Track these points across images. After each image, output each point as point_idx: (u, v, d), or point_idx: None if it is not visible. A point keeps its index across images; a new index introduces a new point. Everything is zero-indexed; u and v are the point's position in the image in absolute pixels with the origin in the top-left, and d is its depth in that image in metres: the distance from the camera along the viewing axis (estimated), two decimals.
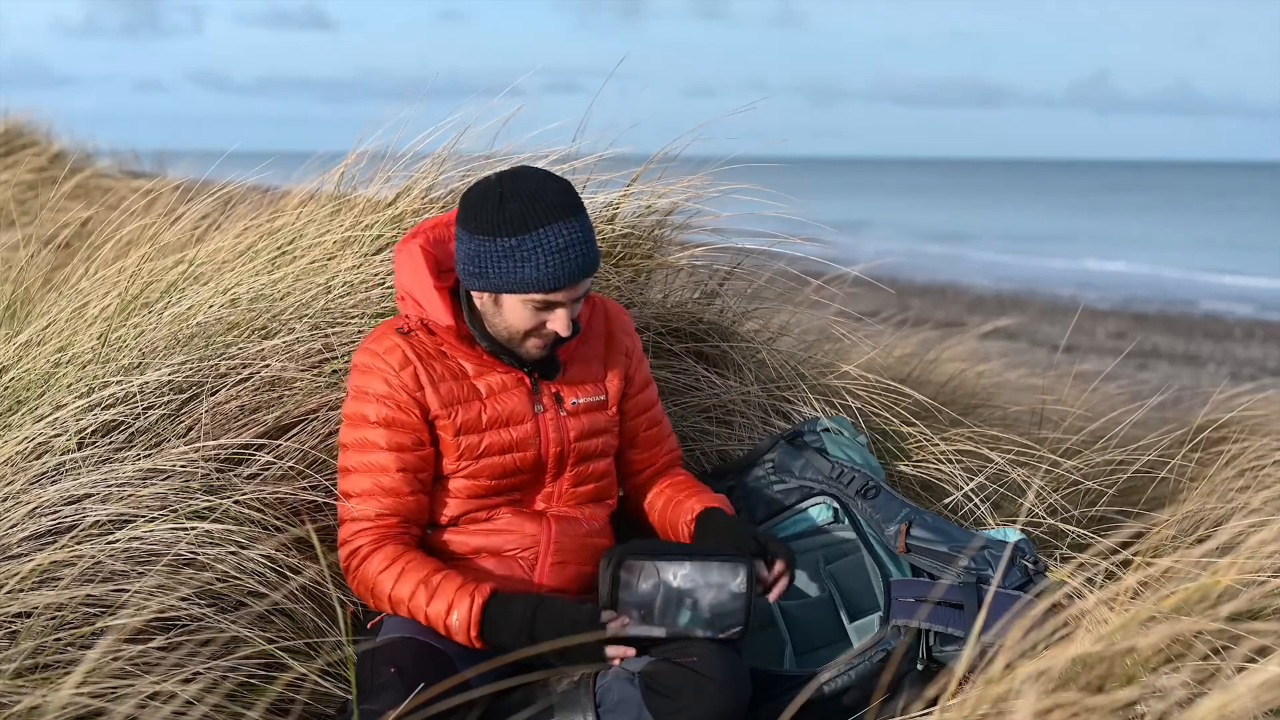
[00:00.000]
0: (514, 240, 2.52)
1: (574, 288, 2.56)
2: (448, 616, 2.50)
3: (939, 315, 14.58)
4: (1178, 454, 3.73)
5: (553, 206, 2.54)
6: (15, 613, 2.37)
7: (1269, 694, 1.69)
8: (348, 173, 3.70)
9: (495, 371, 2.67)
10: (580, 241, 2.54)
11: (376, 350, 2.64)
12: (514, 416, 2.66)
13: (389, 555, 2.57)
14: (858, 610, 2.99)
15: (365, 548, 2.59)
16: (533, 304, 2.56)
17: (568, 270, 2.53)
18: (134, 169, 9.03)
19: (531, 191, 2.54)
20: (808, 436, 3.18)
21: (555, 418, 2.70)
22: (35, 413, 2.92)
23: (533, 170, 2.60)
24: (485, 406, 2.65)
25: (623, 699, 2.48)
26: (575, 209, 2.56)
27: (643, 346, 2.95)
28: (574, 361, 2.76)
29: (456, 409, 2.63)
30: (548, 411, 2.70)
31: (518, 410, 2.67)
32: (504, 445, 2.65)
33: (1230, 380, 10.94)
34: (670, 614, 2.52)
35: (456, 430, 2.63)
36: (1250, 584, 2.19)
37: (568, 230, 2.53)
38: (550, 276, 2.52)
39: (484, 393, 2.65)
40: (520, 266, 2.52)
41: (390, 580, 2.55)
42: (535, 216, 2.52)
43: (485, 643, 2.49)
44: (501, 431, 2.65)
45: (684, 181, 3.78)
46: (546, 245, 2.52)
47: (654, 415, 2.90)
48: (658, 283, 3.80)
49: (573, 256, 2.53)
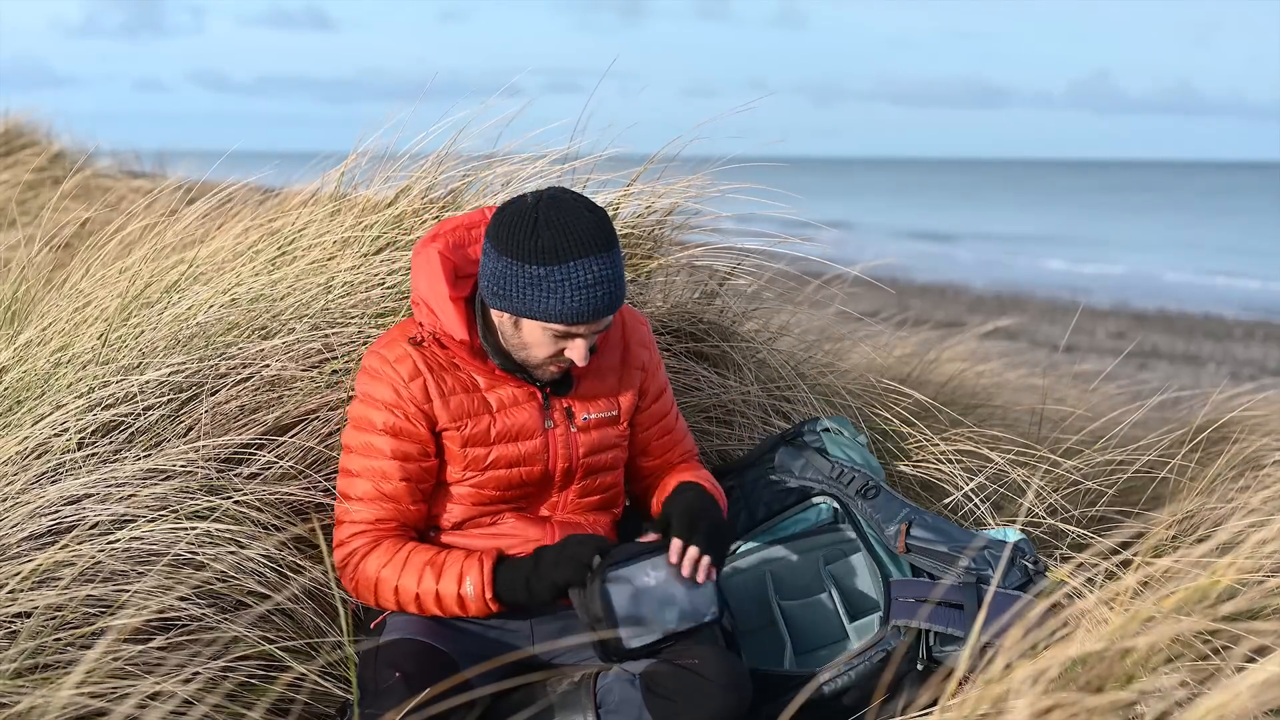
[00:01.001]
0: (543, 269, 2.47)
1: (597, 323, 2.54)
2: (460, 587, 2.50)
3: (939, 315, 14.58)
4: (1178, 454, 3.72)
5: (586, 241, 2.48)
6: (15, 613, 2.37)
7: (1268, 693, 1.69)
8: (348, 173, 3.70)
9: (507, 385, 2.64)
10: (609, 279, 2.50)
11: (388, 357, 2.61)
12: (524, 432, 2.64)
13: (388, 550, 2.57)
14: (858, 610, 2.99)
15: (362, 548, 2.58)
16: (553, 333, 2.53)
17: (593, 307, 2.49)
18: (134, 169, 9.03)
19: (566, 223, 2.48)
20: (808, 436, 3.18)
21: (565, 433, 2.67)
22: (35, 413, 2.92)
23: (572, 197, 2.54)
24: (495, 420, 2.62)
25: (623, 700, 2.48)
26: (609, 244, 2.51)
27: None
28: (587, 376, 2.71)
29: (466, 422, 2.60)
30: (558, 427, 2.67)
31: (528, 425, 2.64)
32: (511, 459, 2.63)
33: (1230, 380, 10.94)
34: (659, 615, 2.52)
35: (464, 442, 2.61)
36: (1249, 584, 2.19)
37: (598, 266, 2.48)
38: (574, 311, 2.48)
39: (494, 406, 2.63)
40: (546, 297, 2.48)
41: (394, 572, 2.55)
42: (567, 250, 2.47)
43: (500, 600, 2.51)
44: (510, 446, 2.63)
45: (684, 181, 3.78)
46: (575, 280, 2.47)
47: (666, 424, 2.85)
48: (658, 283, 3.80)
49: (600, 294, 2.49)
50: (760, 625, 3.00)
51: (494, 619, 2.62)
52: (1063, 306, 19.05)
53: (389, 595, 2.56)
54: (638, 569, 2.53)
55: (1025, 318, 16.36)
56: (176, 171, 7.24)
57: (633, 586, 2.52)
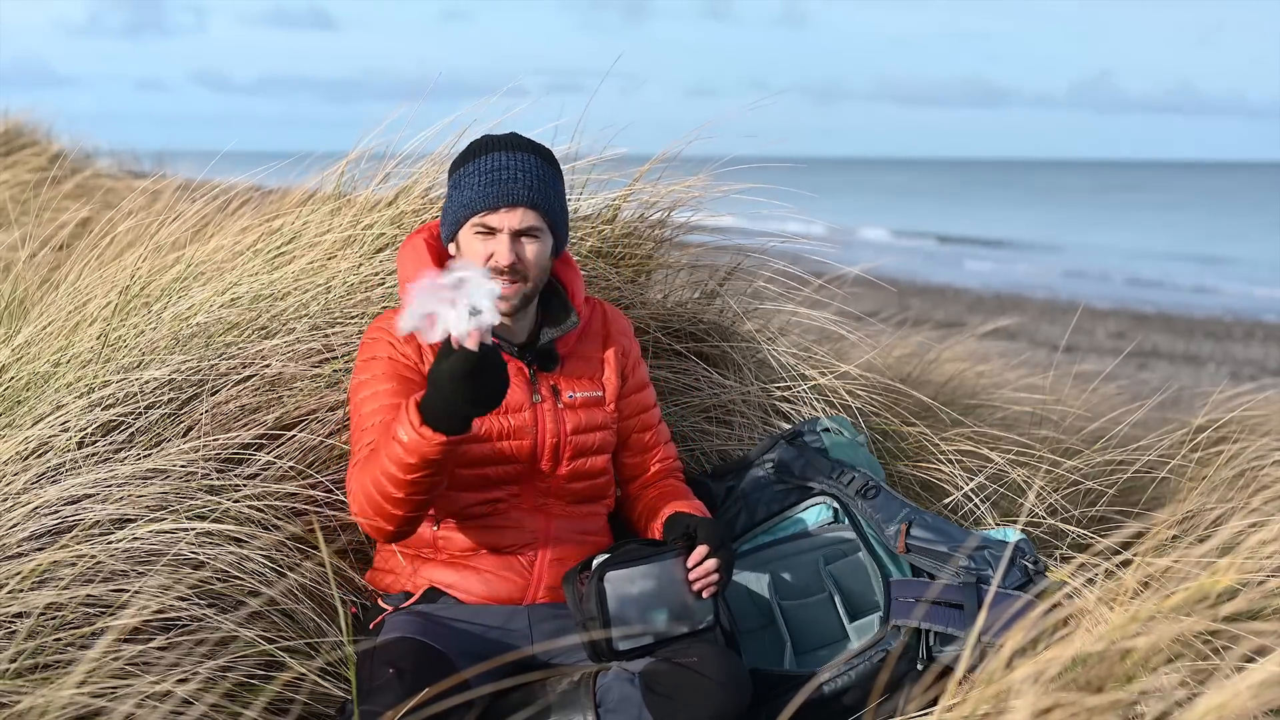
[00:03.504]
0: (459, 171, 2.69)
1: (510, 211, 2.63)
2: (401, 439, 2.39)
3: (939, 315, 14.58)
4: (1178, 454, 3.72)
5: (499, 142, 2.70)
6: (15, 613, 2.37)
7: (1268, 693, 1.69)
8: (347, 172, 3.70)
9: None
10: (521, 169, 2.65)
11: (381, 326, 2.71)
12: (512, 404, 2.68)
13: (364, 456, 2.55)
14: (858, 610, 2.99)
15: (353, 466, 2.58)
16: (477, 232, 2.64)
17: (499, 190, 2.62)
18: (134, 169, 9.03)
19: (483, 139, 2.72)
20: (808, 436, 3.18)
21: (553, 409, 2.72)
22: (35, 412, 2.92)
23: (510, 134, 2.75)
24: None
25: (623, 699, 2.49)
26: (527, 148, 2.69)
27: (641, 347, 2.95)
28: (572, 357, 2.79)
29: None
30: (545, 402, 2.71)
31: (515, 398, 2.68)
32: (501, 431, 2.66)
33: (1230, 380, 10.94)
34: (653, 618, 2.53)
35: None
36: (1249, 584, 2.19)
37: (509, 159, 2.66)
38: (483, 195, 2.63)
39: None
40: (461, 194, 2.66)
41: (362, 470, 2.51)
42: (481, 148, 2.69)
43: (431, 423, 2.36)
44: (499, 418, 2.66)
45: (685, 181, 3.78)
46: (484, 168, 2.65)
47: (647, 419, 2.89)
48: (658, 283, 3.80)
49: (506, 178, 2.63)
50: (760, 625, 3.00)
51: (494, 619, 2.62)
52: (1063, 306, 19.05)
53: (372, 490, 2.48)
54: (637, 571, 2.54)
55: (1025, 318, 16.36)
56: (176, 171, 7.25)
57: (631, 588, 2.52)
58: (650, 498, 2.86)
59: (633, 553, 2.58)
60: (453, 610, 2.64)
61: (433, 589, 2.67)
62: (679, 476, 2.95)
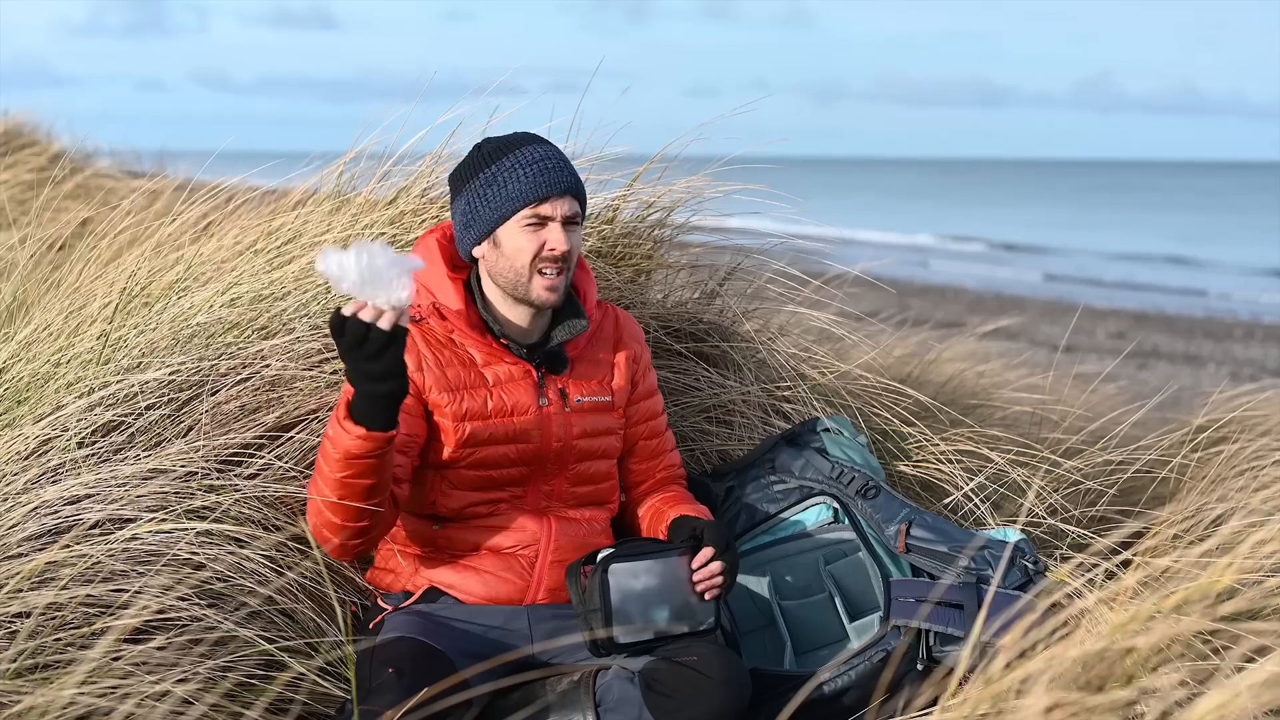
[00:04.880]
0: (493, 168, 2.65)
1: (560, 199, 2.64)
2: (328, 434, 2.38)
3: (939, 315, 14.57)
4: (1178, 454, 3.72)
5: (524, 136, 2.71)
6: (15, 613, 2.37)
7: (1268, 693, 1.69)
8: (346, 172, 3.70)
9: (503, 362, 2.69)
10: (557, 157, 2.68)
11: None
12: (519, 407, 2.67)
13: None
14: (858, 610, 2.99)
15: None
16: (526, 225, 2.63)
17: (548, 179, 2.63)
18: (134, 169, 9.03)
19: (502, 137, 2.72)
20: (808, 436, 3.18)
21: (560, 413, 2.71)
22: (35, 412, 2.92)
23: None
24: (491, 394, 2.66)
25: (623, 698, 2.49)
26: (548, 142, 2.71)
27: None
28: (581, 360, 2.77)
29: (462, 394, 2.63)
30: (552, 405, 2.71)
31: (523, 401, 2.68)
32: (507, 434, 2.66)
33: (1230, 380, 10.95)
34: (656, 615, 2.53)
35: (460, 416, 2.63)
36: (1249, 584, 2.19)
37: (546, 149, 2.67)
38: (533, 185, 2.62)
39: (491, 381, 2.67)
40: (504, 188, 2.63)
41: (312, 482, 2.47)
42: (508, 144, 2.68)
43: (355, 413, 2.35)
44: (506, 420, 2.66)
45: (685, 181, 3.78)
46: (524, 160, 2.64)
47: (655, 426, 2.89)
48: (658, 283, 3.80)
49: (551, 167, 2.65)
50: (760, 625, 3.00)
51: (494, 619, 2.62)
52: (1063, 306, 19.04)
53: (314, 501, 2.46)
54: (641, 566, 2.54)
55: (1025, 318, 16.35)
56: (176, 171, 7.24)
57: (635, 583, 2.53)
58: (655, 503, 2.86)
59: (638, 548, 2.59)
60: (453, 610, 2.64)
61: (433, 589, 2.67)
62: (682, 483, 2.95)
